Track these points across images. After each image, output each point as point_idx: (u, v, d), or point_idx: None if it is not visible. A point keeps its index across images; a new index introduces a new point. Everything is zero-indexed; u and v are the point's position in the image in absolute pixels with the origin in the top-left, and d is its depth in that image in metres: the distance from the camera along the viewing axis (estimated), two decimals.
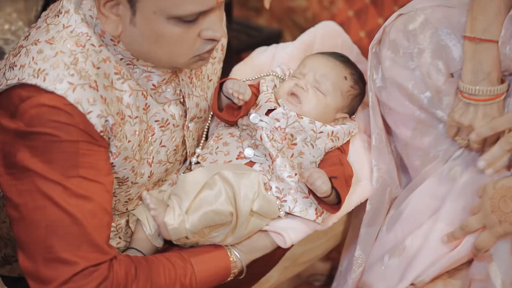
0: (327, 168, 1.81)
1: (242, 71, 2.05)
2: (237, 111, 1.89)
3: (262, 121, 1.84)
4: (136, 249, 1.80)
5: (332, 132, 1.87)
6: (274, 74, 1.99)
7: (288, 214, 1.81)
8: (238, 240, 1.79)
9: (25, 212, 1.60)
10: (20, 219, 1.61)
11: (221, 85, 1.89)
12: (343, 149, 1.91)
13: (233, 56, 1.93)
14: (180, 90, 1.82)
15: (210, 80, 1.95)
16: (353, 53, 2.10)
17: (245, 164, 1.83)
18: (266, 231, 1.81)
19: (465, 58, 1.79)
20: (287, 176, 1.80)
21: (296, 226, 1.81)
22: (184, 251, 1.76)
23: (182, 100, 1.83)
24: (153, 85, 1.75)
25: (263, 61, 2.07)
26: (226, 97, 1.88)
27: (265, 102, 1.87)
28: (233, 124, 1.93)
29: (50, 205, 1.58)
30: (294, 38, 2.17)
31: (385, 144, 1.97)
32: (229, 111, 1.90)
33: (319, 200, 1.79)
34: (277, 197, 1.80)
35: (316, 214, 1.81)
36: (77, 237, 1.58)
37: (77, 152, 1.60)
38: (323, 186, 1.72)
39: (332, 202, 1.79)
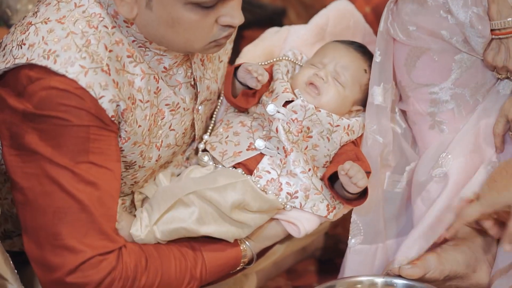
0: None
1: (253, 52, 2.00)
2: (252, 98, 1.85)
3: (279, 112, 1.80)
4: None
5: (349, 125, 1.84)
6: (286, 58, 1.96)
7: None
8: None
9: (31, 196, 1.57)
10: (26, 203, 1.58)
11: (235, 70, 1.85)
12: (357, 143, 1.88)
13: (236, 34, 1.88)
14: (191, 73, 1.78)
15: (221, 61, 1.91)
16: (365, 33, 2.06)
17: (255, 156, 1.79)
18: (277, 219, 1.80)
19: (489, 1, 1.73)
20: (300, 172, 1.77)
21: (309, 216, 1.79)
22: (195, 241, 1.73)
23: (193, 83, 1.79)
24: (164, 67, 1.71)
25: (274, 43, 2.03)
26: (240, 82, 1.84)
27: (282, 93, 1.83)
28: (244, 111, 1.90)
29: (58, 190, 1.55)
30: (298, 15, 2.13)
31: (389, 105, 1.90)
32: (244, 97, 1.86)
33: (337, 195, 1.77)
34: (288, 193, 1.77)
35: (328, 210, 1.79)
36: (85, 225, 1.56)
37: (87, 137, 1.56)
38: (362, 181, 1.70)
39: (353, 198, 1.77)
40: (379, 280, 1.72)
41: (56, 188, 1.55)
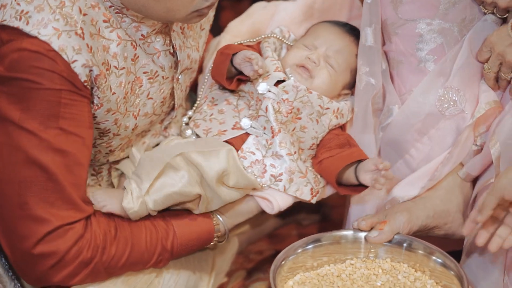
0: (339, 149, 1.77)
1: (239, 28, 1.96)
2: (243, 82, 1.82)
3: (270, 91, 1.76)
4: None
5: (338, 108, 1.81)
6: (274, 36, 1.92)
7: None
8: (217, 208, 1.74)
9: None
10: None
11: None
12: (344, 127, 1.86)
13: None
14: (170, 41, 1.73)
15: (203, 29, 1.87)
16: (353, 6, 2.02)
17: (240, 135, 1.76)
18: (251, 195, 1.77)
19: None
20: (286, 154, 1.74)
21: (281, 193, 1.76)
22: (167, 213, 1.70)
23: (172, 51, 1.74)
24: (142, 35, 1.66)
25: (261, 19, 1.98)
26: (235, 68, 1.80)
27: (274, 72, 1.79)
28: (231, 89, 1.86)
29: (25, 159, 1.51)
30: None
31: (380, 46, 1.85)
32: (237, 83, 1.82)
33: (338, 183, 1.75)
34: (272, 175, 1.74)
35: (312, 194, 1.77)
36: (52, 194, 1.53)
37: (58, 101, 1.52)
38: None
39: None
40: (363, 235, 1.70)
41: (22, 157, 1.51)
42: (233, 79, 1.81)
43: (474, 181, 1.82)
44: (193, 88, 1.97)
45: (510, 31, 1.68)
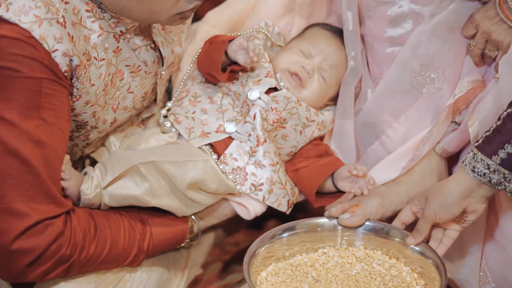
0: (318, 159, 1.78)
1: (217, 19, 1.94)
2: (232, 81, 1.80)
3: (260, 99, 1.74)
4: None
5: (322, 121, 1.82)
6: (262, 31, 1.90)
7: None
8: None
9: None
10: None
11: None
12: (323, 137, 1.87)
13: None
14: (150, 35, 1.71)
15: (185, 23, 1.85)
16: (334, 1, 1.97)
17: (223, 139, 1.74)
18: (227, 200, 1.76)
19: None
20: (269, 164, 1.73)
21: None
22: (144, 212, 1.68)
23: (153, 45, 1.73)
24: (121, 31, 1.65)
25: (241, 11, 1.96)
26: (228, 58, 1.77)
27: (265, 77, 1.77)
28: (215, 83, 1.84)
29: (3, 150, 1.47)
30: None
31: (358, 29, 1.84)
32: (230, 74, 1.79)
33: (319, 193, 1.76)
34: (253, 184, 1.73)
35: (288, 205, 1.77)
36: (31, 187, 1.48)
37: (39, 90, 1.49)
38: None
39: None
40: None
41: (1, 148, 1.47)
42: (224, 70, 1.78)
43: (450, 165, 1.81)
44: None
45: (499, 8, 1.65)
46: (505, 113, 1.49)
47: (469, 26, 1.71)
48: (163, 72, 1.77)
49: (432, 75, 1.75)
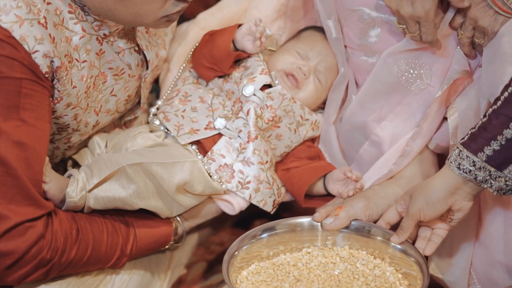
0: (310, 161, 1.79)
1: (209, 21, 1.93)
2: (226, 80, 1.81)
3: (255, 95, 1.74)
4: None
5: (316, 121, 1.82)
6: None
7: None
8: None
9: None
10: None
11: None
12: (315, 139, 1.87)
13: None
14: (134, 38, 1.71)
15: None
16: None
17: (213, 136, 1.74)
18: (212, 198, 1.75)
19: None
20: (258, 162, 1.72)
21: None
22: (129, 215, 1.66)
23: (137, 48, 1.72)
24: (104, 34, 1.64)
25: (232, 15, 1.95)
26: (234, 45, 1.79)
27: (260, 74, 1.77)
28: (207, 79, 1.84)
29: None
30: None
31: (341, 36, 1.83)
32: (230, 61, 1.80)
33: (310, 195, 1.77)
34: (239, 182, 1.72)
35: (273, 205, 1.77)
36: (10, 189, 1.46)
37: (19, 91, 1.47)
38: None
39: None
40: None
41: None
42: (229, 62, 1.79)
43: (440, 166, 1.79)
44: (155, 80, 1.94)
45: None
46: (491, 109, 1.48)
47: (457, 16, 1.69)
48: (147, 75, 1.76)
49: (419, 72, 1.73)
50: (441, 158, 1.79)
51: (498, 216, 1.65)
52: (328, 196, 1.76)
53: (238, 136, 1.73)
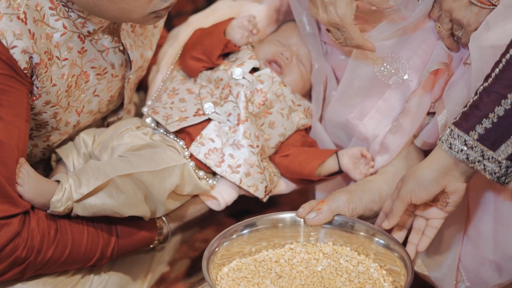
0: (306, 149, 1.79)
1: (201, 24, 1.93)
2: (213, 70, 1.81)
3: (244, 78, 1.74)
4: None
5: (308, 107, 1.82)
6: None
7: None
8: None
9: None
10: None
11: None
12: (308, 131, 1.86)
13: None
14: (119, 38, 1.69)
15: (156, 26, 1.82)
16: None
17: (202, 122, 1.72)
18: (197, 196, 1.74)
19: None
20: (248, 145, 1.71)
21: (227, 188, 1.74)
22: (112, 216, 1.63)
23: (121, 48, 1.70)
24: (88, 31, 1.61)
25: (225, 18, 1.93)
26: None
27: (249, 59, 1.78)
28: (194, 75, 1.84)
29: None
30: None
31: (317, 32, 1.83)
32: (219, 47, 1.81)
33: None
34: (229, 166, 1.70)
35: (265, 192, 1.75)
36: None
37: None
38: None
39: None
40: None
41: None
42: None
43: None
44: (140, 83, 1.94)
45: None
46: (482, 87, 1.46)
47: (435, 7, 1.67)
48: (131, 76, 1.74)
49: (394, 66, 1.71)
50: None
51: (487, 212, 1.63)
52: (338, 173, 1.77)
53: (228, 120, 1.72)
